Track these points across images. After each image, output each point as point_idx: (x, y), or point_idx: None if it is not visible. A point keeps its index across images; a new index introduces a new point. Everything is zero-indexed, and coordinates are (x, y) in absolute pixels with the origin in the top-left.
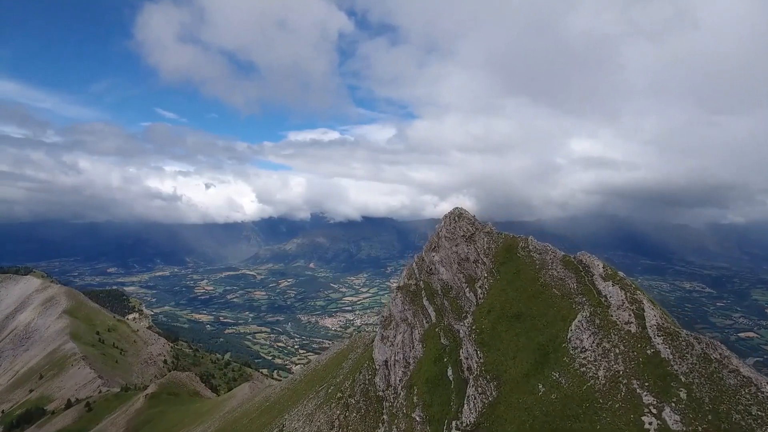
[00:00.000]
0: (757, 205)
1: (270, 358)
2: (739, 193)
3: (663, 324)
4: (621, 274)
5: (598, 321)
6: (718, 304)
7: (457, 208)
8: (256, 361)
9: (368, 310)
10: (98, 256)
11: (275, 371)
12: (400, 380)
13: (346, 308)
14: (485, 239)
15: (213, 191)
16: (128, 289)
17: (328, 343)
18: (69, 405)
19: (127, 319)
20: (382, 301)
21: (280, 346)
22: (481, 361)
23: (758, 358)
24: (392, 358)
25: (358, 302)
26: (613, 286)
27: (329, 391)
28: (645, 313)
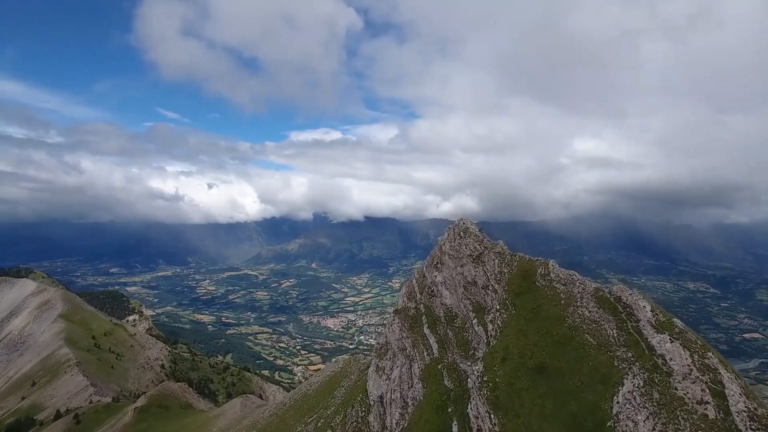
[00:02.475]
0: (763, 206)
1: (272, 359)
2: (744, 193)
3: (755, 410)
4: (678, 323)
5: (657, 395)
6: (722, 304)
7: (462, 220)
8: (257, 362)
9: (370, 311)
10: (101, 256)
11: (276, 372)
12: (397, 423)
13: (348, 309)
14: (496, 261)
15: (215, 191)
16: (130, 289)
17: (330, 344)
18: (58, 416)
19: (127, 321)
20: (384, 301)
21: (282, 347)
22: (496, 429)
23: (763, 359)
24: (388, 396)
25: (360, 303)
26: (671, 342)
27: (319, 425)
28: (726, 390)
